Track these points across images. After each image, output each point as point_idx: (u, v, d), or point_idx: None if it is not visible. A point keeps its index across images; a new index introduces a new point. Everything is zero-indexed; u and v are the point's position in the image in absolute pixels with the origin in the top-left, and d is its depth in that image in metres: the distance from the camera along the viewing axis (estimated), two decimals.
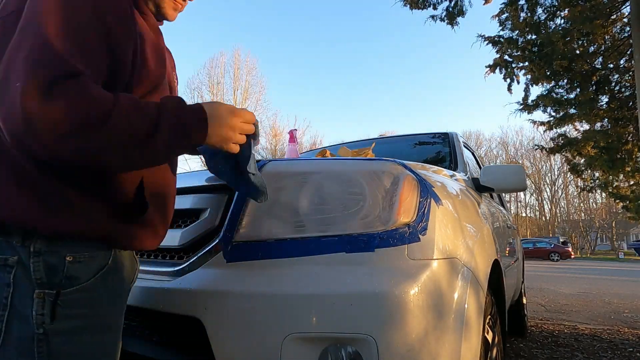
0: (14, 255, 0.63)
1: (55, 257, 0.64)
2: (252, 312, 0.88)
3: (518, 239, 3.46)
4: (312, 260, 0.93)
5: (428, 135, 2.68)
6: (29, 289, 0.63)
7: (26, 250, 0.63)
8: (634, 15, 4.60)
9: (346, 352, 0.83)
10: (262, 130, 24.11)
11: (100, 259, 0.70)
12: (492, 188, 1.81)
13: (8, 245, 0.63)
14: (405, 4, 6.25)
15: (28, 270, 0.63)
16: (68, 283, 0.65)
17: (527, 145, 41.84)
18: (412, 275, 0.87)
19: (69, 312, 0.65)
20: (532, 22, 5.88)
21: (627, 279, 10.51)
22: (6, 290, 0.62)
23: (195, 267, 1.00)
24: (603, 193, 9.32)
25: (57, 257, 0.64)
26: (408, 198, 0.98)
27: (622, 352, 3.07)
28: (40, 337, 0.62)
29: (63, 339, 0.64)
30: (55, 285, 0.64)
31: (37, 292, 0.63)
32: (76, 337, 0.65)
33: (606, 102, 6.27)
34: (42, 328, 0.62)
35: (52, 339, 0.63)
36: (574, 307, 5.53)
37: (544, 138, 11.66)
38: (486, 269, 1.20)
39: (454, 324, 0.88)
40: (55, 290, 0.64)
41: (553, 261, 22.58)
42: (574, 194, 42.40)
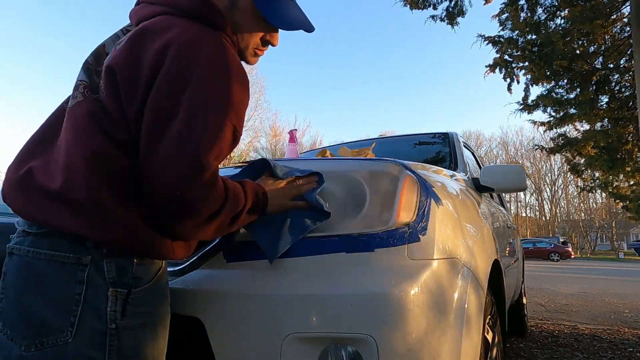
0: (87, 255, 0.68)
1: (125, 259, 0.71)
2: (252, 312, 0.88)
3: (518, 239, 3.46)
4: (312, 260, 0.93)
5: (428, 135, 2.68)
6: (102, 287, 0.68)
7: (99, 252, 0.68)
8: (634, 15, 4.60)
9: (346, 352, 0.83)
10: (262, 130, 24.12)
11: (157, 263, 0.78)
12: (492, 188, 1.81)
13: (82, 246, 0.68)
14: (405, 4, 6.25)
15: (101, 270, 0.68)
16: (135, 283, 0.72)
17: (527, 145, 41.87)
18: (412, 275, 0.87)
19: (136, 310, 0.71)
20: (532, 22, 5.88)
21: (627, 279, 10.51)
22: (79, 287, 0.67)
23: (196, 267, 1.00)
24: (603, 193, 9.32)
25: (127, 259, 0.71)
26: (408, 198, 0.98)
27: (622, 352, 3.07)
28: (112, 331, 0.68)
29: (130, 334, 0.70)
30: (125, 284, 0.70)
31: (111, 290, 0.69)
32: (139, 333, 0.72)
33: (606, 102, 6.27)
34: (115, 323, 0.68)
35: (121, 334, 0.69)
36: (574, 307, 5.53)
37: (544, 138, 11.65)
38: (486, 269, 1.20)
39: (454, 323, 0.88)
40: (127, 289, 0.70)
41: (553, 261, 22.58)
42: (574, 194, 42.44)
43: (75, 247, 0.68)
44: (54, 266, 0.67)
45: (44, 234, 0.69)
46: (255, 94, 24.80)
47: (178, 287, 0.97)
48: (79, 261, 0.67)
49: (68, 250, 0.67)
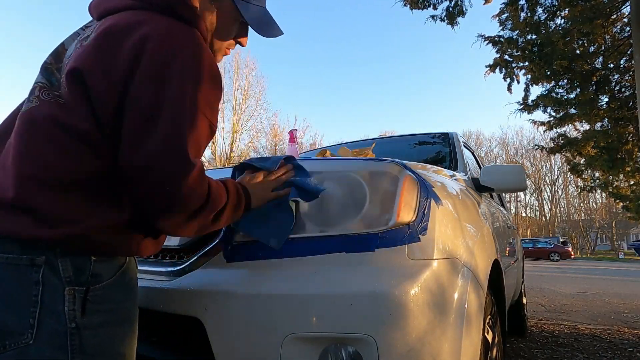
0: (41, 255, 0.66)
1: (81, 258, 0.69)
2: (252, 312, 0.88)
3: (518, 239, 3.46)
4: (312, 260, 0.93)
5: (428, 135, 2.68)
6: (58, 287, 0.67)
7: (53, 252, 0.67)
8: (634, 15, 4.60)
9: (346, 352, 0.83)
10: (262, 130, 24.11)
11: (119, 259, 0.76)
12: (492, 188, 1.81)
13: (34, 248, 0.66)
14: (405, 4, 6.25)
15: (56, 269, 0.67)
16: (94, 280, 0.70)
17: (527, 145, 41.85)
18: (412, 275, 0.87)
19: (96, 307, 0.70)
20: (532, 22, 5.87)
21: (627, 279, 10.51)
22: (35, 289, 0.65)
23: (196, 267, 1.00)
24: (603, 193, 9.32)
25: (83, 257, 0.69)
26: (408, 198, 0.98)
27: (622, 352, 3.07)
28: (72, 331, 0.67)
29: (92, 332, 0.69)
30: (83, 282, 0.69)
31: (67, 289, 0.67)
32: (103, 330, 0.71)
33: (606, 102, 6.26)
34: (74, 322, 0.67)
35: (83, 333, 0.68)
36: (574, 307, 5.53)
37: (544, 138, 11.66)
38: (486, 269, 1.20)
39: (454, 323, 0.88)
40: (85, 287, 0.69)
41: (553, 261, 22.58)
42: (574, 194, 42.42)
43: (28, 249, 0.66)
44: (9, 269, 0.65)
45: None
46: (255, 94, 24.80)
47: (178, 287, 0.97)
48: (33, 262, 0.66)
49: (20, 252, 0.66)
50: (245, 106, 24.37)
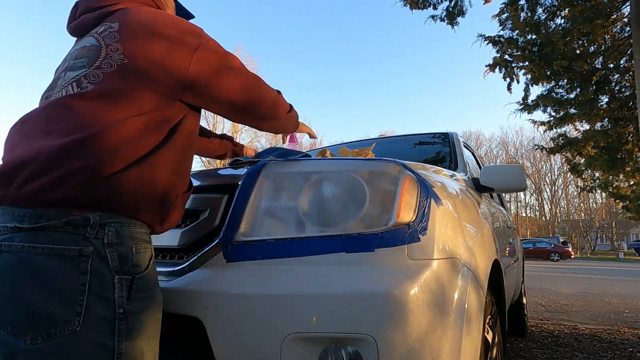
0: (89, 246, 0.71)
1: (125, 248, 0.75)
2: (252, 312, 0.88)
3: (518, 239, 3.46)
4: (312, 260, 0.93)
5: (428, 135, 2.68)
6: (107, 275, 0.72)
7: (100, 242, 0.72)
8: (634, 15, 4.60)
9: (346, 352, 0.83)
10: None
11: (150, 250, 0.83)
12: (492, 188, 1.80)
13: (81, 237, 0.71)
14: (405, 4, 6.25)
15: (105, 259, 0.72)
16: (134, 270, 0.76)
17: (527, 145, 41.86)
18: (412, 275, 0.87)
19: (139, 295, 0.76)
20: (532, 22, 5.87)
21: (627, 279, 10.51)
22: (83, 278, 0.69)
23: (195, 267, 1.00)
24: (603, 193, 9.32)
25: (126, 248, 0.76)
26: (408, 198, 0.98)
27: (622, 352, 3.07)
28: (120, 316, 0.72)
29: (135, 318, 0.75)
30: (127, 272, 0.75)
31: (117, 277, 0.73)
32: (142, 315, 0.77)
33: (606, 102, 6.26)
34: (122, 308, 0.73)
35: (128, 318, 0.73)
36: (574, 307, 5.53)
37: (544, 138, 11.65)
38: (486, 269, 1.20)
39: (454, 323, 0.88)
40: (131, 275, 0.75)
41: (553, 261, 22.57)
42: (574, 194, 42.41)
43: (76, 239, 0.70)
44: (55, 260, 0.68)
45: (39, 228, 0.69)
46: None
47: (178, 287, 0.97)
48: (81, 252, 0.70)
49: (69, 242, 0.69)
50: None
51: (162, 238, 1.03)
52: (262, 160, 1.12)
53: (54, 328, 0.66)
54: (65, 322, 0.66)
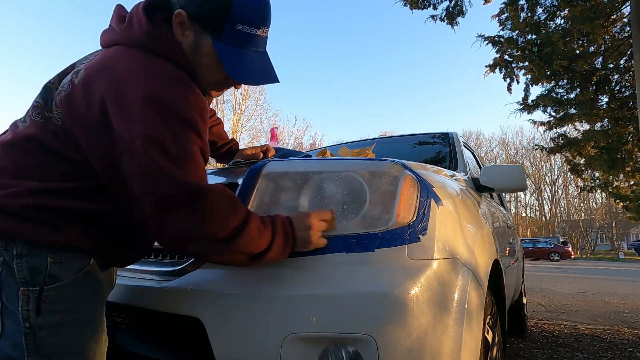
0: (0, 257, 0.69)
1: (37, 259, 0.70)
2: (252, 312, 0.88)
3: (518, 239, 3.46)
4: (312, 260, 0.93)
5: (428, 135, 2.68)
6: (14, 287, 0.69)
7: (9, 253, 0.69)
8: (634, 15, 4.60)
9: (346, 352, 0.83)
10: (262, 130, 24.09)
11: (81, 260, 0.76)
12: (492, 188, 1.80)
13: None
14: (405, 4, 6.25)
15: (12, 270, 0.69)
16: (50, 281, 0.71)
17: (527, 145, 41.84)
18: (412, 275, 0.87)
19: (52, 308, 0.70)
20: (532, 22, 5.88)
21: (627, 279, 10.51)
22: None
23: (196, 267, 1.00)
24: (603, 193, 9.32)
25: (39, 258, 0.70)
26: (408, 198, 0.97)
27: (622, 352, 3.07)
28: (27, 330, 0.68)
29: (48, 332, 0.70)
30: (39, 283, 0.70)
31: (22, 289, 0.69)
32: (59, 330, 0.71)
33: (606, 102, 6.27)
34: (28, 322, 0.68)
35: (37, 333, 0.69)
36: (574, 307, 5.53)
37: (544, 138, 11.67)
38: (486, 269, 1.20)
39: (454, 324, 0.88)
40: (39, 287, 0.70)
41: (553, 261, 22.57)
42: (574, 194, 42.40)
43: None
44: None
45: None
46: (255, 94, 24.75)
47: (178, 287, 0.97)
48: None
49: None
50: (245, 106, 24.37)
51: None
52: (262, 160, 1.12)
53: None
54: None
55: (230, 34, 0.81)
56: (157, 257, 1.12)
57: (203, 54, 0.83)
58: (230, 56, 0.82)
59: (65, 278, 0.73)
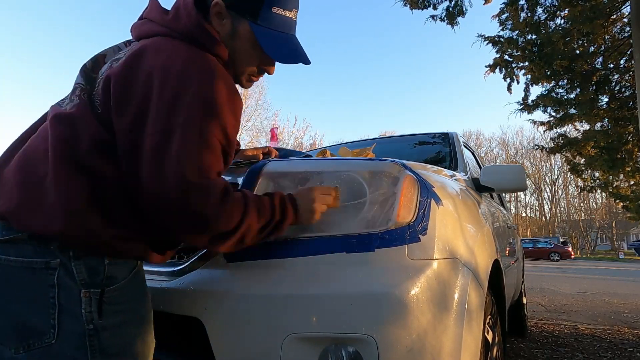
0: (55, 258, 0.68)
1: (95, 260, 0.71)
2: (252, 312, 0.88)
3: (518, 239, 3.46)
4: (312, 260, 0.93)
5: (428, 135, 2.68)
6: (74, 289, 0.69)
7: (66, 255, 0.69)
8: (634, 15, 4.60)
9: (346, 352, 0.83)
10: (262, 130, 24.08)
11: (132, 261, 0.78)
12: (492, 188, 1.80)
13: (47, 250, 0.68)
14: (405, 4, 6.25)
15: (70, 272, 0.69)
16: (109, 282, 0.72)
17: (527, 145, 41.82)
18: (413, 276, 0.87)
19: (114, 308, 0.72)
20: (532, 22, 5.88)
21: (627, 279, 10.51)
22: (52, 291, 0.67)
23: (196, 267, 1.00)
24: (603, 193, 9.33)
25: (97, 259, 0.71)
26: (408, 198, 0.97)
27: (622, 352, 3.07)
28: (91, 332, 0.69)
29: (111, 333, 0.71)
30: (98, 284, 0.71)
31: (83, 291, 0.69)
32: (121, 330, 0.72)
33: (606, 102, 6.27)
34: (92, 324, 0.69)
35: (101, 334, 0.69)
36: (574, 307, 5.53)
37: (544, 138, 11.66)
38: (486, 269, 1.20)
39: (454, 324, 0.88)
40: (100, 289, 0.70)
41: (553, 261, 22.57)
42: (574, 194, 42.40)
43: (42, 252, 0.68)
44: (26, 272, 0.68)
45: (9, 241, 0.69)
46: (255, 94, 24.76)
47: (178, 287, 0.97)
48: (48, 265, 0.68)
49: (34, 255, 0.68)
50: (245, 106, 24.31)
51: None
52: (262, 160, 1.12)
53: (32, 339, 0.66)
54: (42, 335, 0.66)
55: (266, 17, 0.85)
56: None
57: (241, 40, 0.86)
58: (267, 38, 0.85)
59: (122, 278, 0.74)
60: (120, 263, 0.74)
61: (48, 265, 0.68)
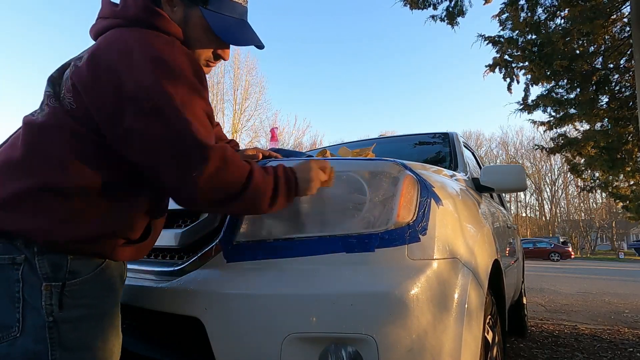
0: (20, 254, 0.71)
1: (57, 255, 0.73)
2: (252, 312, 0.88)
3: (518, 239, 3.46)
4: (312, 260, 0.93)
5: (428, 135, 2.68)
6: (36, 283, 0.71)
7: (30, 251, 0.72)
8: (634, 15, 4.60)
9: (346, 352, 0.83)
10: (262, 130, 24.07)
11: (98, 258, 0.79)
12: (492, 188, 1.80)
13: (13, 247, 0.71)
14: (405, 4, 6.24)
15: (34, 267, 0.71)
16: (71, 276, 0.74)
17: (527, 145, 41.82)
18: (412, 276, 0.87)
19: (74, 302, 0.73)
20: (532, 22, 5.88)
21: (627, 279, 10.51)
22: (17, 286, 0.70)
23: (196, 267, 1.00)
24: (603, 193, 9.33)
25: (60, 255, 0.73)
26: (408, 198, 0.98)
27: (622, 352, 3.07)
28: (50, 324, 0.71)
29: (70, 326, 0.72)
30: (60, 278, 0.73)
31: (44, 285, 0.71)
32: (81, 324, 0.74)
33: (606, 102, 6.27)
34: (52, 317, 0.71)
35: (61, 326, 0.71)
36: (574, 307, 5.53)
37: (544, 138, 11.67)
38: (486, 269, 1.20)
39: (454, 324, 0.88)
40: (61, 282, 0.72)
41: (553, 261, 22.56)
42: (574, 194, 42.38)
43: (8, 248, 0.71)
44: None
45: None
46: (255, 94, 24.73)
47: (178, 287, 0.97)
48: (13, 261, 0.71)
49: (3, 252, 0.71)
50: (245, 106, 24.34)
51: (162, 238, 1.03)
52: (261, 161, 1.12)
53: (1, 332, 0.69)
54: (9, 328, 0.69)
55: (216, 2, 0.88)
56: (157, 257, 1.12)
57: (193, 26, 0.87)
58: (219, 22, 0.88)
59: (85, 273, 0.76)
60: (85, 258, 0.76)
61: (14, 261, 0.71)
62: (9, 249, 0.71)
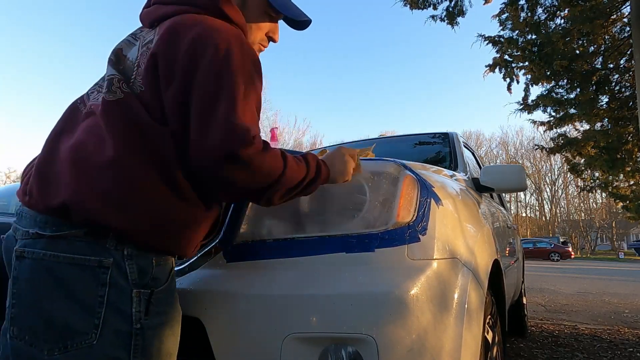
0: (109, 257, 0.69)
1: (144, 260, 0.72)
2: (253, 312, 0.88)
3: (518, 239, 3.46)
4: (312, 260, 0.93)
5: (428, 135, 2.68)
6: (126, 289, 0.69)
7: (120, 254, 0.70)
8: (634, 15, 4.61)
9: (346, 352, 0.83)
10: (262, 130, 24.04)
11: (171, 262, 0.80)
12: (492, 188, 1.80)
13: (101, 249, 0.69)
14: (405, 4, 6.25)
15: (124, 271, 0.69)
16: (154, 284, 0.73)
17: (527, 145, 41.81)
18: (412, 276, 0.87)
19: (156, 309, 0.73)
20: (532, 22, 5.88)
21: (627, 279, 10.50)
22: (102, 290, 0.67)
23: (196, 267, 1.00)
24: (603, 193, 9.33)
25: (146, 260, 0.73)
26: (408, 198, 0.98)
27: (622, 352, 3.07)
28: (137, 331, 0.70)
29: (152, 333, 0.72)
30: (146, 285, 0.72)
31: (135, 291, 0.70)
32: (160, 331, 0.74)
33: (606, 102, 6.28)
34: (140, 323, 0.70)
35: (145, 333, 0.71)
36: (574, 307, 5.53)
37: (544, 138, 11.69)
38: (486, 269, 1.20)
39: (454, 324, 0.88)
40: (149, 289, 0.72)
41: (553, 261, 22.57)
42: (574, 194, 42.39)
43: (94, 249, 0.68)
44: (75, 269, 0.67)
45: (60, 236, 0.68)
46: None
47: (178, 287, 0.97)
48: (101, 264, 0.68)
49: (89, 253, 0.68)
50: None
51: None
52: None
53: (71, 340, 0.65)
54: (83, 335, 0.65)
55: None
56: None
57: (251, 8, 0.91)
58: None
59: (164, 281, 0.76)
60: (163, 265, 0.76)
61: (101, 264, 0.68)
62: (96, 250, 0.68)
